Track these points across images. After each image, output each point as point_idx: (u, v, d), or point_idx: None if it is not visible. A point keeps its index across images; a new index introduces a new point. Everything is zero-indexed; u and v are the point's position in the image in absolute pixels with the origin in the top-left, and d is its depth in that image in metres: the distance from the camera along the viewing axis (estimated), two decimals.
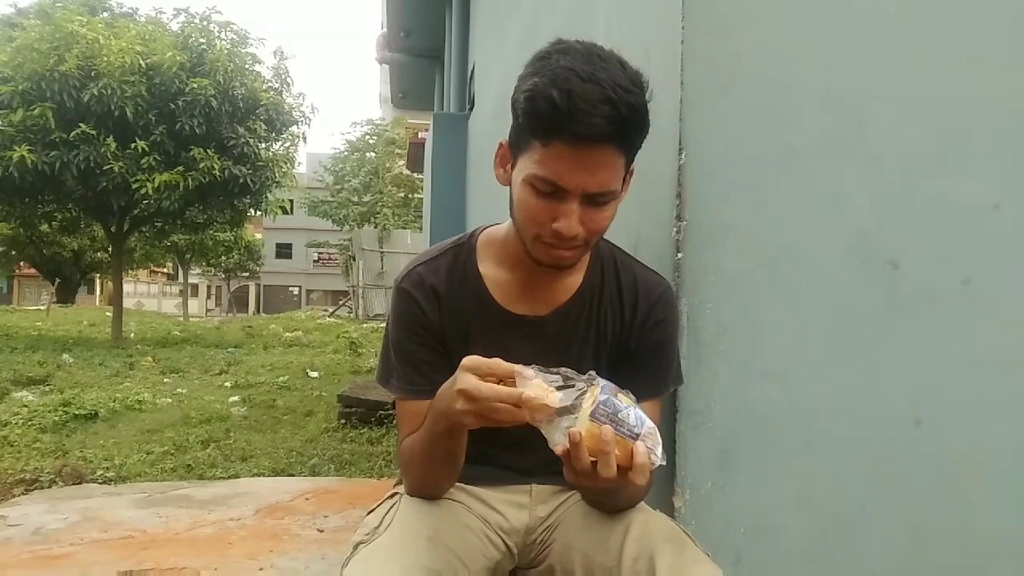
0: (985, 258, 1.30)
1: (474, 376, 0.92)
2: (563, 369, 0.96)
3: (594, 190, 1.00)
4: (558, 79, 0.95)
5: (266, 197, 12.54)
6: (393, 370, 1.16)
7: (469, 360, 0.94)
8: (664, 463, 0.94)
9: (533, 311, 1.15)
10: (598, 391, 0.93)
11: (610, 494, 1.03)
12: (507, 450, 1.18)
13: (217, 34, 11.47)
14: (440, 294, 1.15)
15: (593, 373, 0.97)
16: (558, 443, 0.94)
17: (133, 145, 10.35)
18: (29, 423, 5.01)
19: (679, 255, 1.27)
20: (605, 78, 0.95)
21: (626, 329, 1.17)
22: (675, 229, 1.27)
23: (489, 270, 1.16)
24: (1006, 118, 1.32)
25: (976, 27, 1.32)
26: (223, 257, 28.56)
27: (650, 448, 0.93)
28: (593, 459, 0.92)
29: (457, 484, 1.20)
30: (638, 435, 0.93)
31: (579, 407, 0.93)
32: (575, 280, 1.17)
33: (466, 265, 1.17)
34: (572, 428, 0.92)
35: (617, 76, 0.96)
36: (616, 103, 0.94)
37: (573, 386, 0.95)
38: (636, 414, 0.93)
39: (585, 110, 0.93)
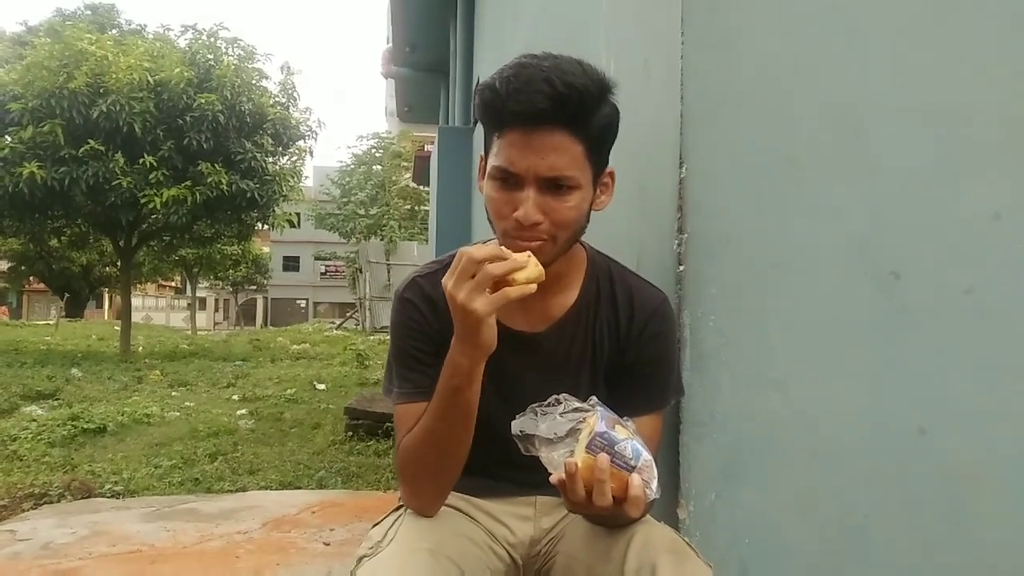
0: (986, 267, 1.30)
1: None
2: (562, 396, 0.97)
3: (546, 174, 1.01)
4: (503, 72, 1.01)
5: (273, 211, 12.61)
6: (396, 377, 1.17)
7: (445, 277, 0.97)
8: (659, 496, 0.94)
9: (530, 327, 1.16)
10: (595, 421, 0.94)
11: (608, 518, 1.03)
12: (511, 467, 1.17)
13: (224, 50, 11.58)
14: (439, 307, 1.15)
15: (594, 400, 0.98)
16: (554, 472, 0.94)
17: (141, 160, 10.45)
18: (38, 437, 5.04)
19: (681, 267, 1.27)
20: (548, 65, 0.99)
21: (622, 343, 1.17)
22: (677, 241, 1.28)
23: None
24: (1006, 128, 1.32)
25: (975, 38, 1.33)
26: (231, 270, 28.69)
27: (646, 481, 0.93)
28: (588, 489, 0.92)
29: (461, 496, 1.20)
30: (634, 467, 0.93)
31: (576, 437, 0.93)
32: (571, 295, 1.18)
33: None
34: (569, 459, 0.92)
35: (563, 64, 1.00)
36: (553, 82, 0.98)
37: (570, 414, 0.95)
38: (633, 446, 0.93)
39: (522, 89, 0.98)
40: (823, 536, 1.28)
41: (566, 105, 0.99)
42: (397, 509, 1.19)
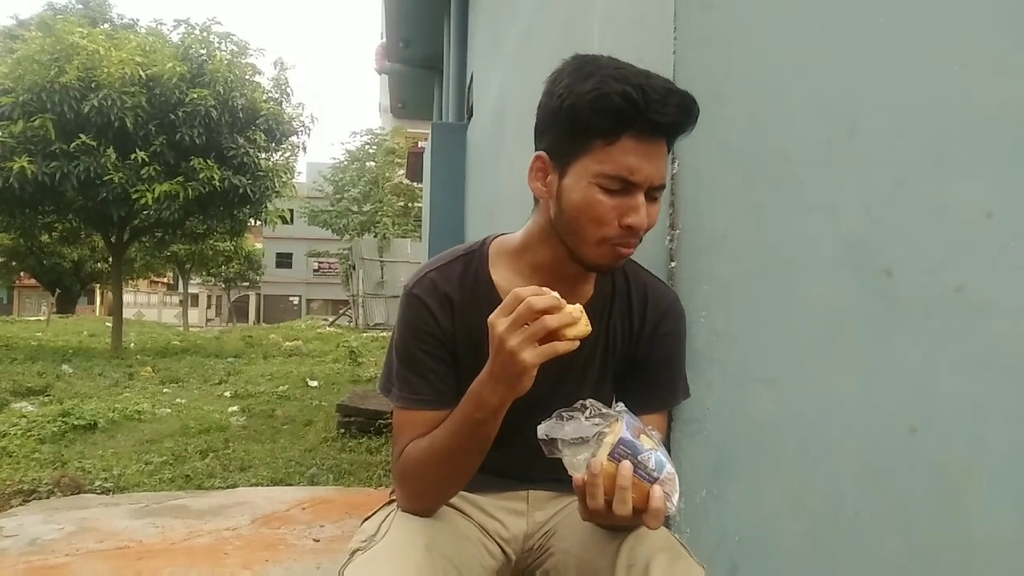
0: (978, 265, 1.31)
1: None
2: (588, 401, 0.95)
3: (658, 182, 1.03)
4: (620, 77, 0.98)
5: (266, 207, 12.55)
6: (396, 378, 1.13)
7: (494, 316, 0.94)
8: (678, 510, 0.93)
9: None
10: (620, 428, 0.92)
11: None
12: (504, 455, 1.15)
13: (217, 45, 11.51)
14: (454, 301, 1.13)
15: (621, 407, 0.97)
16: (576, 474, 0.93)
17: (133, 156, 10.37)
18: (28, 433, 5.00)
19: (673, 263, 1.27)
20: (657, 75, 1.00)
21: (634, 339, 1.16)
22: (668, 237, 1.28)
23: (502, 279, 1.15)
24: (998, 125, 1.32)
25: (967, 35, 1.33)
26: (223, 267, 28.57)
27: (667, 494, 0.92)
28: (608, 497, 0.91)
29: None
30: (656, 479, 0.91)
31: (600, 441, 0.92)
32: (587, 289, 1.16)
33: (478, 273, 1.15)
34: (593, 460, 0.91)
35: (658, 75, 1.02)
36: (688, 98, 1.00)
37: (595, 419, 0.93)
38: (657, 458, 0.92)
39: (659, 100, 0.97)
40: (813, 534, 1.28)
41: (689, 115, 1.01)
42: (389, 503, 1.18)
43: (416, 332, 1.12)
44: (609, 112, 0.97)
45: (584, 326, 0.92)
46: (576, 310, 0.92)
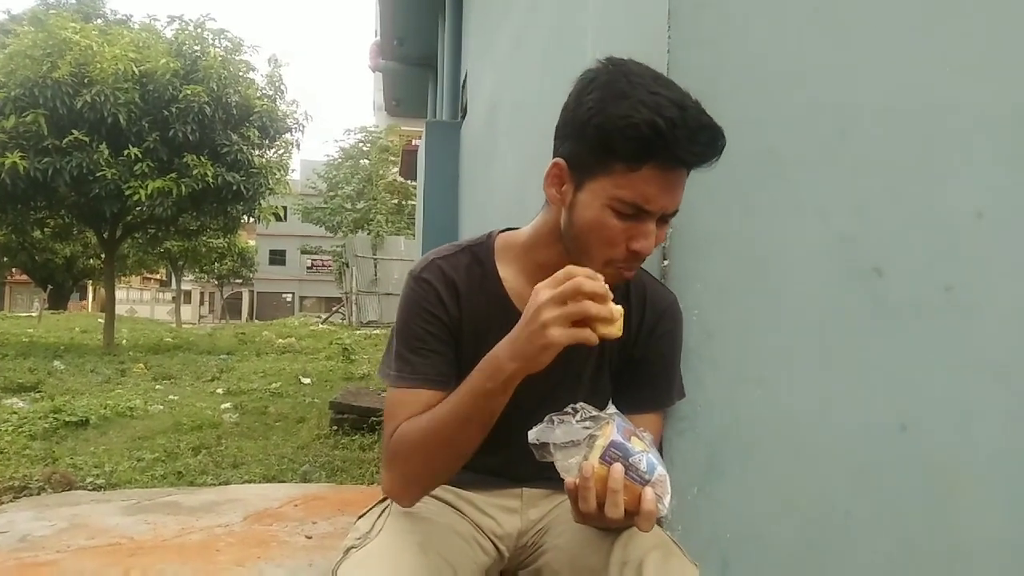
0: (968, 265, 1.32)
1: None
2: (580, 404, 0.95)
3: (672, 210, 1.02)
4: (653, 105, 0.94)
5: (259, 204, 12.51)
6: (396, 358, 1.12)
7: (541, 284, 0.93)
8: (669, 512, 0.93)
9: None
10: (611, 431, 0.92)
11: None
12: (500, 457, 1.16)
13: (211, 41, 11.46)
14: (460, 291, 1.13)
15: (612, 409, 0.97)
16: (568, 475, 0.93)
17: (126, 152, 10.32)
18: (19, 430, 4.98)
19: (665, 262, 1.28)
20: (691, 104, 0.97)
21: (632, 337, 1.16)
22: None
23: (507, 274, 1.15)
24: (988, 126, 1.33)
25: (958, 37, 1.34)
26: (216, 264, 28.48)
27: (659, 496, 0.92)
28: (600, 500, 0.91)
29: (448, 488, 1.20)
30: (648, 481, 0.91)
31: (591, 444, 0.92)
32: None
33: (484, 265, 1.16)
34: (585, 463, 0.91)
35: (693, 101, 0.98)
36: (712, 129, 0.97)
37: (586, 422, 0.93)
38: (648, 460, 0.92)
39: (688, 137, 0.95)
40: (804, 531, 1.29)
41: (717, 156, 0.99)
42: (383, 501, 1.18)
43: (422, 311, 1.12)
44: (636, 141, 0.95)
45: (617, 329, 0.91)
46: (618, 311, 0.91)
